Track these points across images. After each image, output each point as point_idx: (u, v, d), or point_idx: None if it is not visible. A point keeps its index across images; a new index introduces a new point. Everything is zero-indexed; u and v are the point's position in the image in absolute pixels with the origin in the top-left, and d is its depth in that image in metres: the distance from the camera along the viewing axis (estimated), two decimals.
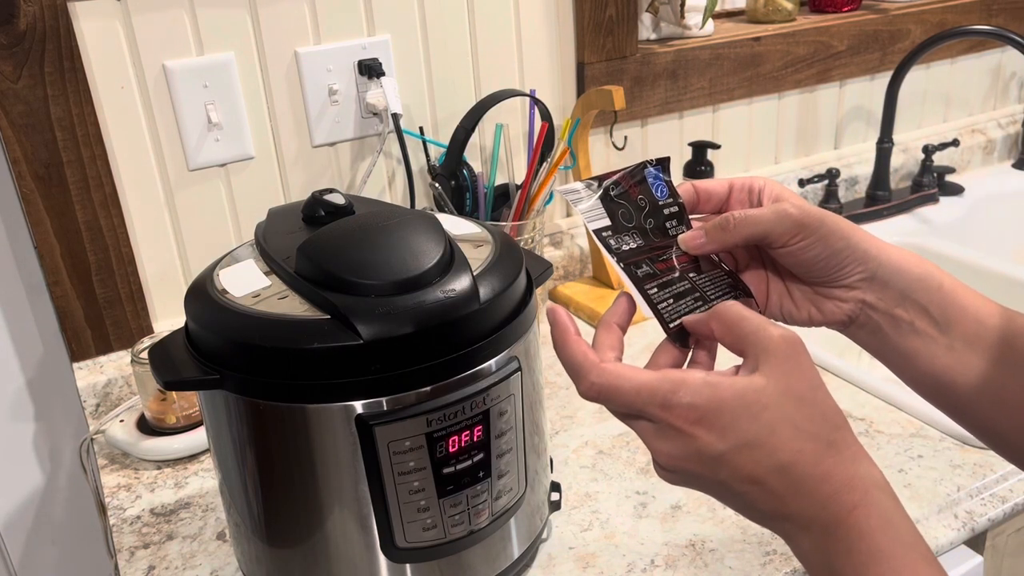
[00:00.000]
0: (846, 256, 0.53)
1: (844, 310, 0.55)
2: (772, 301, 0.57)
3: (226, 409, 0.59)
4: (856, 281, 0.54)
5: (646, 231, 0.55)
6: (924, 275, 0.53)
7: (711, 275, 0.55)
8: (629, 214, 0.55)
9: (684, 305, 0.53)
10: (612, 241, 0.54)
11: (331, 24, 0.98)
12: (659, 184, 0.56)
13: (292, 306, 0.57)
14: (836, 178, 1.31)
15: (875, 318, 0.54)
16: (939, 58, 1.45)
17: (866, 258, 0.53)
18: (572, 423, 0.88)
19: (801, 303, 0.56)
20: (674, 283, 0.54)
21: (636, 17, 1.15)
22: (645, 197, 0.55)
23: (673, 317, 0.52)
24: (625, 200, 0.55)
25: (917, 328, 0.53)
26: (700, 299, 0.53)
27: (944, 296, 0.53)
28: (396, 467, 0.57)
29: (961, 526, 0.72)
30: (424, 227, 0.61)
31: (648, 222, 0.55)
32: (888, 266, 0.53)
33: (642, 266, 0.53)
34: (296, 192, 1.03)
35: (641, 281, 0.52)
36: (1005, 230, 1.44)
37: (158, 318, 0.99)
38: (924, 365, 0.54)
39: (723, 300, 0.53)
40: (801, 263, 0.54)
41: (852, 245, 0.53)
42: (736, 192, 0.56)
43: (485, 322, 0.58)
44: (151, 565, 0.73)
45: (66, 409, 1.03)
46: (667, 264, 0.54)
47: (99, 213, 0.91)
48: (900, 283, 0.53)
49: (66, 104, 0.86)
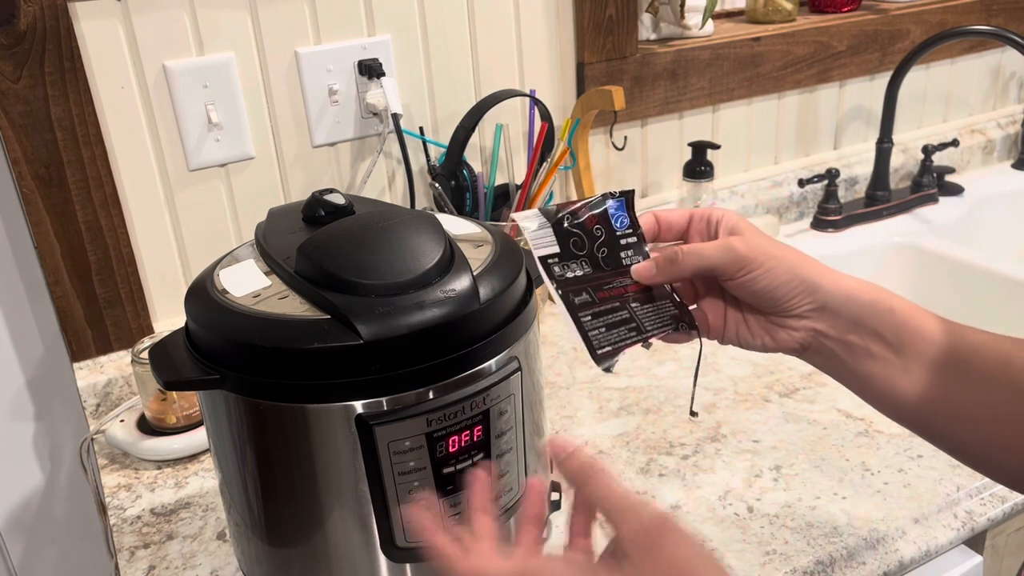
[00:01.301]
0: (792, 288, 0.55)
1: (796, 338, 0.57)
2: (729, 328, 0.60)
3: (226, 409, 0.59)
4: (806, 311, 0.56)
5: (596, 260, 0.57)
6: (874, 300, 0.56)
7: (658, 305, 0.58)
8: (581, 242, 0.57)
9: (617, 334, 0.56)
10: (556, 268, 0.56)
11: (331, 24, 0.99)
12: (619, 216, 0.58)
13: (292, 306, 0.57)
14: (836, 178, 1.31)
15: (828, 345, 0.57)
16: (939, 58, 1.46)
17: (813, 289, 0.56)
18: (572, 423, 0.88)
19: (756, 331, 0.59)
20: (612, 312, 0.56)
21: (636, 17, 1.16)
22: (602, 227, 0.58)
23: (603, 345, 0.55)
24: (579, 229, 0.57)
25: (872, 352, 0.56)
26: (636, 329, 0.56)
27: (896, 319, 0.55)
28: (396, 467, 0.57)
29: (961, 526, 0.73)
30: (424, 227, 0.61)
31: (601, 251, 0.58)
32: (837, 295, 0.56)
33: (581, 294, 0.56)
34: (296, 192, 1.03)
35: (576, 308, 0.55)
36: (1005, 230, 1.44)
37: (158, 318, 0.99)
38: (882, 387, 0.56)
39: (659, 332, 0.57)
40: (751, 294, 0.56)
41: (798, 277, 0.55)
42: (695, 223, 0.59)
43: (485, 322, 0.58)
44: (151, 565, 0.73)
45: (66, 409, 1.03)
46: (611, 293, 0.57)
47: (99, 213, 0.91)
48: (850, 311, 0.56)
49: (66, 104, 0.86)
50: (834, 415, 0.86)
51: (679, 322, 0.58)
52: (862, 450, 0.81)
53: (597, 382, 0.95)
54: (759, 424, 0.86)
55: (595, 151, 1.19)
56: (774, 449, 0.82)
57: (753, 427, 0.85)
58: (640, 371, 0.96)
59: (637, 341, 0.56)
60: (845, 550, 0.69)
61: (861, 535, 0.71)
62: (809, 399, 0.89)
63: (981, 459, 0.56)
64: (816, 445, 0.82)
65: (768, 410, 0.88)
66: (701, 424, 0.86)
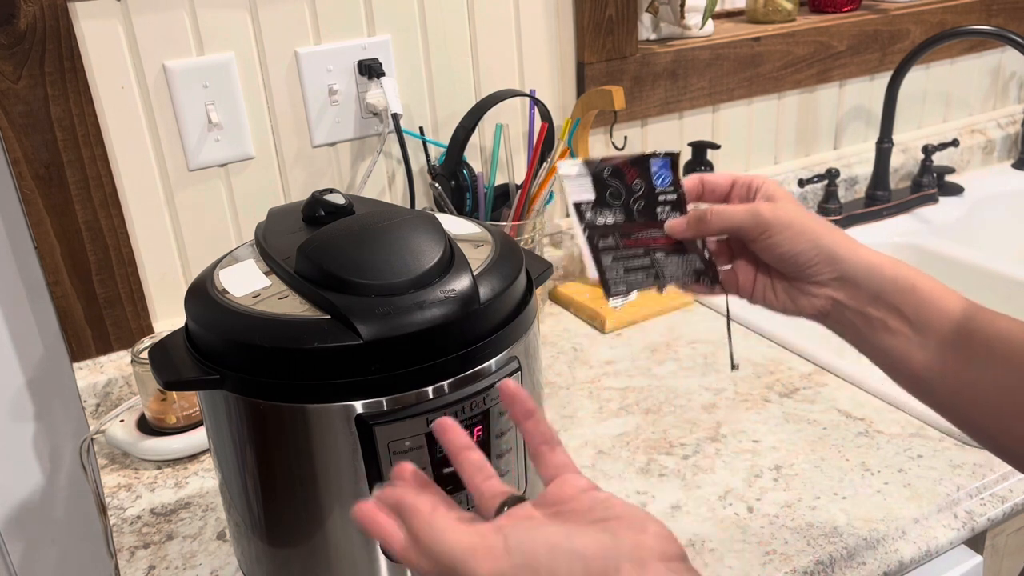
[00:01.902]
0: (812, 256, 0.58)
1: (816, 305, 0.60)
2: (757, 289, 0.63)
3: (226, 409, 0.59)
4: (826, 279, 0.59)
5: (631, 211, 0.61)
6: (897, 276, 0.57)
7: (686, 258, 0.61)
8: (618, 193, 0.60)
9: (634, 278, 0.60)
10: (588, 214, 0.60)
11: (331, 24, 0.99)
12: (662, 174, 0.61)
13: (292, 306, 0.57)
14: (836, 178, 1.31)
15: (847, 315, 0.59)
16: (939, 58, 1.45)
17: (834, 259, 0.58)
18: (572, 423, 0.88)
19: (780, 294, 0.62)
20: (633, 258, 0.60)
21: (636, 17, 1.16)
22: (642, 182, 0.61)
23: (617, 283, 0.59)
24: (618, 181, 0.60)
25: (890, 326, 0.58)
26: (654, 276, 0.60)
27: (918, 297, 0.57)
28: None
29: (961, 526, 0.73)
30: (424, 227, 0.61)
31: (637, 204, 0.61)
32: (858, 267, 0.58)
33: (607, 238, 0.60)
34: (296, 192, 1.03)
35: (599, 250, 0.59)
36: (1005, 230, 1.44)
37: (158, 318, 0.99)
38: (899, 361, 0.58)
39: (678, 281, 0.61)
40: (773, 258, 0.60)
41: (819, 246, 0.58)
42: (737, 188, 0.62)
43: (485, 322, 0.58)
44: (151, 565, 0.73)
45: (66, 409, 1.03)
46: (638, 242, 0.60)
47: (99, 213, 0.91)
48: (871, 284, 0.58)
49: (66, 104, 0.86)
50: (834, 415, 0.86)
51: (701, 276, 0.61)
52: (862, 450, 0.81)
53: (597, 382, 0.95)
54: (759, 424, 0.86)
55: (595, 151, 1.19)
56: (774, 449, 0.82)
57: (753, 427, 0.85)
58: (640, 371, 0.96)
59: (652, 286, 0.60)
60: (845, 550, 0.69)
61: (861, 535, 0.71)
62: (809, 399, 0.89)
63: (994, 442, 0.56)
64: (816, 445, 0.82)
65: (768, 410, 0.88)
66: (701, 424, 0.86)
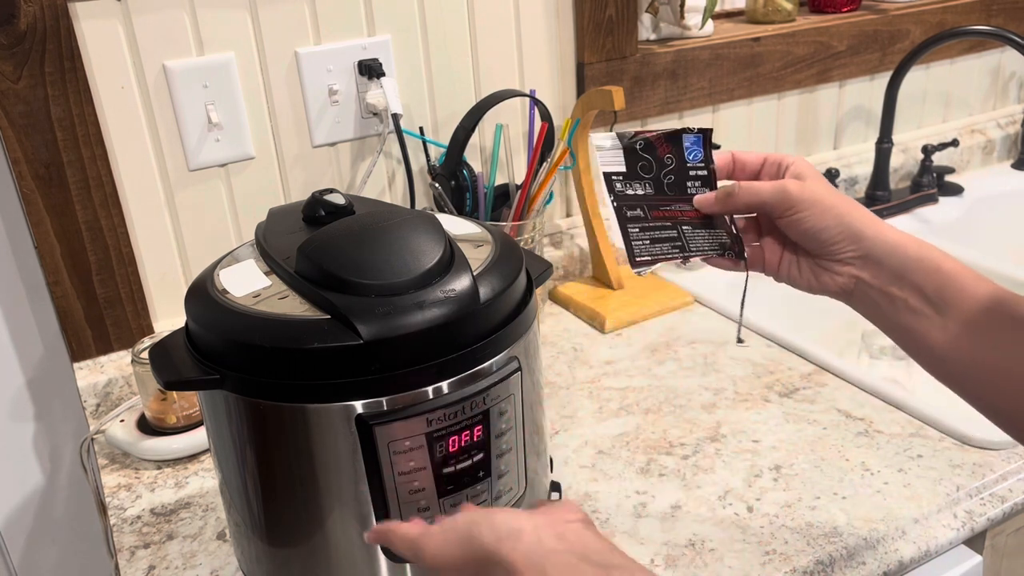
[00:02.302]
0: (836, 233, 0.59)
1: (839, 283, 0.61)
2: (782, 266, 0.64)
3: (226, 409, 0.59)
4: (849, 258, 0.60)
5: (661, 185, 0.62)
6: (921, 256, 0.58)
7: (712, 232, 0.63)
8: (649, 167, 0.62)
9: (660, 248, 0.61)
10: (618, 185, 0.61)
11: (331, 24, 0.99)
12: (695, 150, 0.63)
13: (292, 306, 0.57)
14: (836, 178, 1.31)
15: (871, 294, 0.60)
16: (939, 58, 1.45)
17: (858, 237, 0.59)
18: (572, 423, 0.88)
19: (804, 271, 0.63)
20: (660, 229, 0.61)
21: (636, 17, 1.16)
22: (674, 157, 0.62)
23: (642, 253, 0.60)
24: (650, 155, 0.62)
25: (911, 306, 0.58)
26: (679, 247, 0.61)
27: (942, 278, 0.57)
28: (396, 467, 0.57)
29: (960, 526, 0.73)
30: (424, 227, 0.61)
31: (668, 178, 0.62)
32: (882, 246, 0.59)
33: (636, 209, 0.61)
34: (296, 192, 1.03)
35: (627, 220, 0.60)
36: (1005, 230, 1.44)
37: (158, 318, 0.99)
38: (920, 341, 0.59)
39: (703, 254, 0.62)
40: (799, 234, 0.60)
41: (843, 224, 0.59)
42: (768, 165, 0.63)
43: (485, 322, 0.58)
44: (151, 565, 0.73)
45: (66, 409, 1.03)
46: (666, 214, 0.61)
47: (99, 213, 0.91)
48: (894, 263, 0.58)
49: (66, 104, 0.86)
50: (834, 415, 0.86)
51: (727, 250, 0.62)
52: (862, 450, 0.81)
53: (597, 382, 0.95)
54: (759, 424, 0.86)
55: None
56: (774, 449, 0.82)
57: (753, 427, 0.85)
58: (640, 371, 0.96)
59: (677, 257, 0.61)
60: (845, 550, 0.69)
61: (861, 535, 0.71)
62: (809, 399, 0.89)
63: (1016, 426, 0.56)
64: (816, 445, 0.82)
65: (768, 410, 0.88)
66: (701, 424, 0.86)
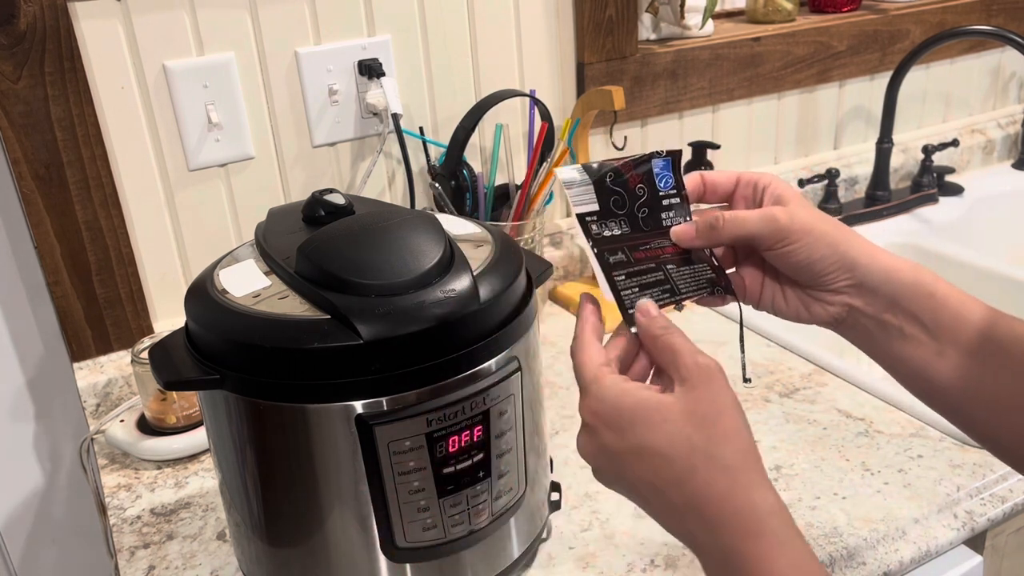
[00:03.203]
0: (831, 263, 0.54)
1: (831, 312, 0.56)
2: (765, 296, 0.59)
3: (226, 409, 0.59)
4: (843, 287, 0.55)
5: (636, 220, 0.56)
6: (915, 282, 0.54)
7: (695, 268, 0.57)
8: (622, 201, 0.56)
9: (650, 295, 0.54)
10: (594, 227, 0.55)
11: (331, 24, 0.98)
12: (665, 175, 0.57)
13: (292, 306, 0.57)
14: (836, 178, 1.31)
15: (863, 322, 0.56)
16: (939, 58, 1.45)
17: (853, 265, 0.54)
18: (572, 423, 0.88)
19: (791, 301, 0.58)
20: (646, 273, 0.55)
21: (636, 17, 1.16)
22: (645, 187, 0.57)
23: (632, 303, 0.54)
24: (622, 187, 0.56)
25: (906, 333, 0.55)
26: (669, 291, 0.55)
27: (936, 303, 0.54)
28: (396, 467, 0.57)
29: (961, 526, 0.73)
30: (424, 227, 0.61)
31: (642, 211, 0.56)
32: (876, 273, 0.54)
33: (617, 253, 0.55)
34: (296, 192, 1.03)
35: (611, 267, 0.54)
36: (1005, 230, 1.44)
37: (158, 318, 0.99)
38: (915, 368, 0.55)
39: (694, 295, 0.56)
40: (788, 266, 0.55)
41: (838, 253, 0.54)
42: (741, 187, 0.58)
43: (485, 322, 0.58)
44: (151, 565, 0.73)
45: (66, 409, 1.03)
46: (648, 253, 0.56)
47: (99, 213, 0.91)
48: (888, 290, 0.54)
49: (66, 104, 0.86)
50: (834, 415, 0.86)
51: (715, 286, 0.57)
52: (862, 450, 0.81)
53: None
54: (759, 424, 0.86)
55: (595, 151, 1.19)
56: (774, 449, 0.82)
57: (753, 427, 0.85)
58: None
59: (671, 303, 0.55)
60: (845, 550, 0.69)
61: (861, 535, 0.71)
62: (809, 399, 0.89)
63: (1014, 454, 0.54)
64: (816, 445, 0.82)
65: (768, 410, 0.88)
66: None
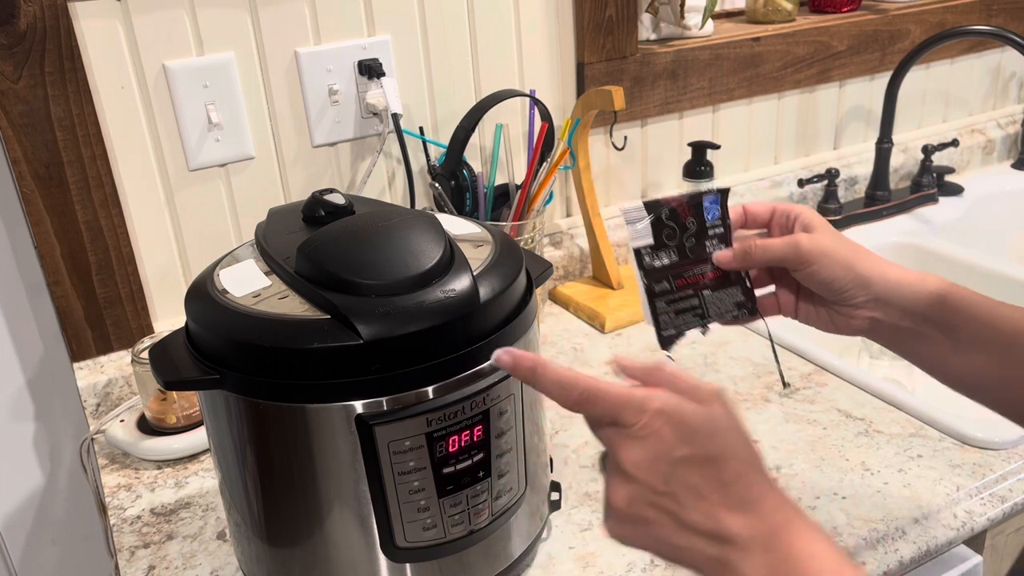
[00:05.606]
0: (847, 281, 0.63)
1: (855, 325, 0.65)
2: (800, 310, 0.68)
3: (226, 409, 0.59)
4: (862, 302, 0.64)
5: (684, 249, 0.66)
6: (926, 290, 0.63)
7: (728, 292, 0.67)
8: (673, 233, 0.65)
9: (683, 319, 0.65)
10: (647, 258, 0.65)
11: (331, 24, 0.99)
12: (713, 209, 0.66)
13: (292, 306, 0.57)
14: (835, 178, 1.31)
15: (885, 331, 0.65)
16: (939, 58, 1.45)
17: (867, 283, 0.63)
18: (572, 423, 0.88)
19: (821, 315, 0.67)
20: (683, 299, 0.65)
21: (636, 17, 1.16)
22: (695, 220, 0.66)
23: (668, 327, 0.65)
24: (674, 221, 0.66)
25: (924, 335, 0.63)
26: (700, 315, 0.66)
27: (947, 306, 0.62)
28: (396, 467, 0.57)
29: (960, 526, 0.73)
30: (424, 227, 0.61)
31: (689, 241, 0.66)
32: (889, 287, 0.63)
33: (662, 282, 0.65)
34: (296, 192, 1.03)
35: (655, 295, 0.65)
36: (1005, 230, 1.44)
37: (158, 318, 0.99)
38: (936, 364, 0.64)
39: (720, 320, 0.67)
40: (814, 285, 0.64)
41: (853, 272, 0.63)
42: (777, 216, 0.67)
43: (485, 322, 0.58)
44: (151, 565, 0.73)
45: (66, 409, 1.03)
46: (688, 280, 0.66)
47: (99, 213, 0.91)
48: (903, 301, 0.63)
49: (66, 104, 0.86)
50: (834, 415, 0.86)
51: (742, 308, 0.67)
52: (862, 450, 0.81)
53: None
54: (759, 424, 0.86)
55: (595, 151, 1.19)
56: (774, 449, 0.82)
57: (753, 427, 0.85)
58: None
59: (697, 326, 0.66)
60: (845, 550, 0.69)
61: (861, 535, 0.71)
62: (809, 399, 0.89)
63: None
64: (816, 445, 0.82)
65: (768, 410, 0.88)
66: None
